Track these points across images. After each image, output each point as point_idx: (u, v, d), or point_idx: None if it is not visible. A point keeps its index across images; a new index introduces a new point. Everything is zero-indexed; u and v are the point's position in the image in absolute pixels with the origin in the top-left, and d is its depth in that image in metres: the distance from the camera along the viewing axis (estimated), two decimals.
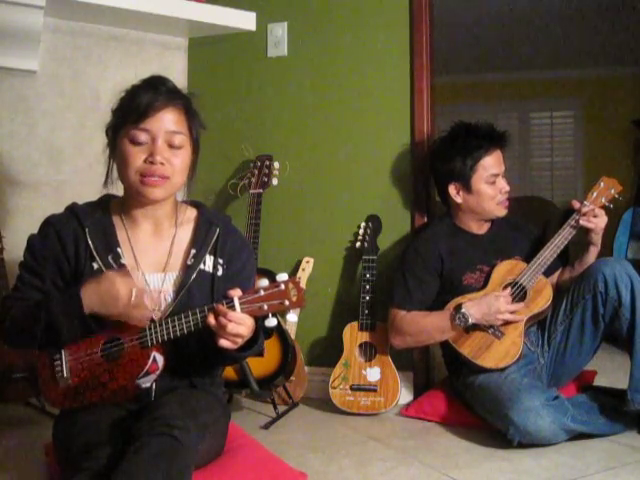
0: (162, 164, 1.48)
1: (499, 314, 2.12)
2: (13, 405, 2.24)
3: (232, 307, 1.39)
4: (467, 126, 2.34)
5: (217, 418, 1.54)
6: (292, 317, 1.43)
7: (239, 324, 1.38)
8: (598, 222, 2.16)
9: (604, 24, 4.65)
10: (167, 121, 1.50)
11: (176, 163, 1.51)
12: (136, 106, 1.49)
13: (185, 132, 1.53)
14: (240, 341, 1.41)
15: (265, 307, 1.39)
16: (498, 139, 2.31)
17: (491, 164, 2.28)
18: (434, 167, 2.41)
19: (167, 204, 1.58)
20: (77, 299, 1.43)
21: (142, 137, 1.49)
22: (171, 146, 1.50)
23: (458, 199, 2.32)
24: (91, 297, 1.43)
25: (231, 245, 1.61)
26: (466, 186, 2.29)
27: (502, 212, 2.33)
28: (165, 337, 1.44)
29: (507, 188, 2.31)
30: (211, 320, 1.39)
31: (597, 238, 2.20)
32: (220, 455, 1.59)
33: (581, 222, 2.16)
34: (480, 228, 2.37)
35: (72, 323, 1.44)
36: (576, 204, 2.20)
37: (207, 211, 1.66)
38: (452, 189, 2.32)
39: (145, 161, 1.48)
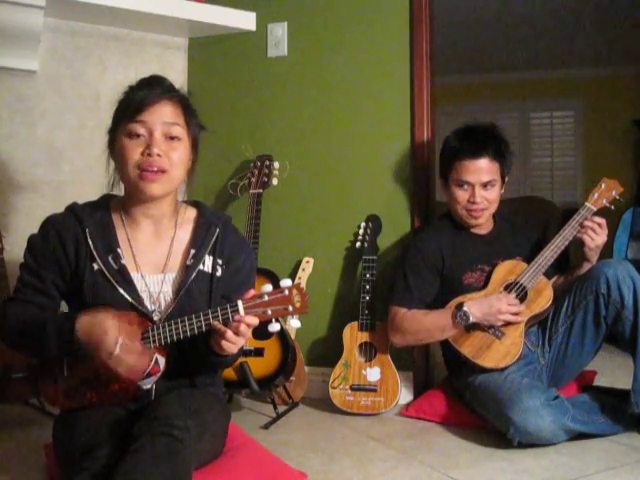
0: (159, 156, 1.48)
1: (500, 315, 2.12)
2: (13, 405, 2.23)
3: (236, 311, 1.39)
4: (474, 126, 2.30)
5: (217, 418, 1.54)
6: (295, 323, 1.43)
7: (249, 326, 1.39)
8: (597, 237, 2.14)
9: (604, 24, 4.66)
10: (164, 113, 1.50)
11: (174, 156, 1.51)
12: (132, 102, 1.50)
13: (182, 125, 1.53)
14: (242, 342, 1.42)
15: (269, 312, 1.39)
16: (484, 148, 2.22)
17: (465, 170, 2.22)
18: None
19: (167, 203, 1.58)
20: (71, 322, 1.42)
21: (139, 130, 1.49)
22: (168, 138, 1.50)
23: (443, 193, 2.36)
24: (84, 325, 1.41)
25: (230, 245, 1.61)
26: (444, 182, 2.33)
27: (470, 220, 2.29)
28: (168, 339, 1.44)
29: (477, 201, 2.22)
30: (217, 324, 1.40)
31: (592, 254, 2.19)
32: (220, 455, 1.59)
33: (585, 224, 2.14)
34: (481, 228, 2.36)
35: (62, 344, 1.42)
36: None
37: (207, 211, 1.66)
38: (440, 181, 2.36)
39: (143, 154, 1.48)
